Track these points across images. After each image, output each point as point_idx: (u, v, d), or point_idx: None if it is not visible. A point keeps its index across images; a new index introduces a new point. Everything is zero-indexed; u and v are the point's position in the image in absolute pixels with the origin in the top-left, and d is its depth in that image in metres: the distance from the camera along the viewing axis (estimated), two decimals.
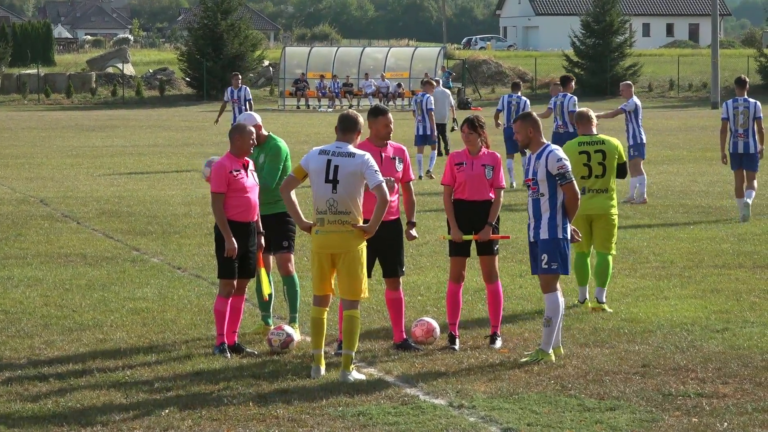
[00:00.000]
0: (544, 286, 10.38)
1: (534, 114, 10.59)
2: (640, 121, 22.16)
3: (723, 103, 19.91)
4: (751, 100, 19.25)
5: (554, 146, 10.42)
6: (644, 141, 22.26)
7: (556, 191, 10.29)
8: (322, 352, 9.86)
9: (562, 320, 10.39)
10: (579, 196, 10.31)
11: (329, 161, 9.75)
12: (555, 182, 10.24)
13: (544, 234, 10.30)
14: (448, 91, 33.48)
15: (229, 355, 10.49)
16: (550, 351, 10.26)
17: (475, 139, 10.87)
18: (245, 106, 30.07)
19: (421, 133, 27.70)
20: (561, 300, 10.33)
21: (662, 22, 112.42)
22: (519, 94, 25.85)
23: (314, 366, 9.85)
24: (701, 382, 9.50)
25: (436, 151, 28.66)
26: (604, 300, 12.54)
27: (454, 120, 33.67)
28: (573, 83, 23.70)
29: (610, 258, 12.66)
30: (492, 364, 10.20)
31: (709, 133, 25.57)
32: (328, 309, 9.97)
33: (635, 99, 22.23)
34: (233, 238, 10.51)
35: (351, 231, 9.77)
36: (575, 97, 23.41)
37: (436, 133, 28.24)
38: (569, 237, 10.37)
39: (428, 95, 27.90)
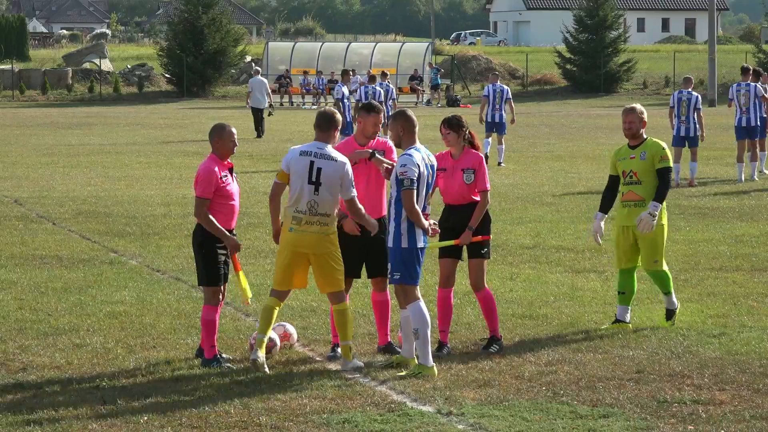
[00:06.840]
0: (399, 300, 9.99)
1: (408, 113, 10.14)
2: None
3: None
4: (694, 93, 24.78)
5: (414, 150, 9.94)
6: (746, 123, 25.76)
7: (401, 197, 9.89)
8: (266, 339, 9.87)
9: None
10: (412, 208, 9.80)
11: (312, 162, 9.91)
12: (400, 187, 9.89)
13: (390, 242, 9.97)
14: (264, 80, 40.32)
15: (227, 364, 10.12)
16: (431, 364, 9.78)
17: (453, 138, 10.59)
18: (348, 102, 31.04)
19: None
20: (424, 309, 9.86)
21: (657, 17, 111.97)
22: (374, 85, 30.99)
23: (258, 352, 9.77)
24: (697, 389, 9.36)
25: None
26: (676, 305, 11.59)
27: (271, 105, 40.20)
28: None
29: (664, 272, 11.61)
30: (481, 370, 10.01)
31: (706, 132, 25.57)
32: (282, 304, 10.07)
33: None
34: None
35: (327, 234, 9.88)
36: None
37: None
38: (420, 246, 9.91)
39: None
